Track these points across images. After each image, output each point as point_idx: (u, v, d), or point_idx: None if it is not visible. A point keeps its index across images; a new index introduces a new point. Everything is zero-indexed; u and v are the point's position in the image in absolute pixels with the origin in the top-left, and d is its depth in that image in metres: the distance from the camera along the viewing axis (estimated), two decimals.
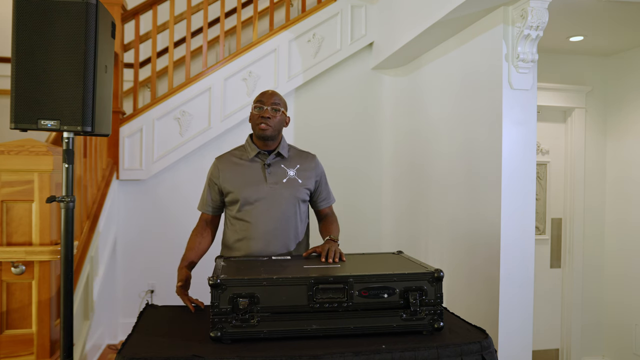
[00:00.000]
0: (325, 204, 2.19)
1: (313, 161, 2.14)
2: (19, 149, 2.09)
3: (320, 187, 2.16)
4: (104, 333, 3.58)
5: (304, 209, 2.10)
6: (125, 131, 3.84)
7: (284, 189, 2.01)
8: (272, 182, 2.00)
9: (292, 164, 2.07)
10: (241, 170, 2.03)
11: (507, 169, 2.61)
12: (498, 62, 2.65)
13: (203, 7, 3.99)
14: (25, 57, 1.54)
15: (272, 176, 2.01)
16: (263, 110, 1.99)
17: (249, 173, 2.02)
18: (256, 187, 2.00)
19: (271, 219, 1.99)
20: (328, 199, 2.20)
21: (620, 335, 3.62)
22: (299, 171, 2.06)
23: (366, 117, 4.27)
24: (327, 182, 2.20)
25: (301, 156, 2.13)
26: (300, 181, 2.05)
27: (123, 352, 1.39)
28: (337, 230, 2.10)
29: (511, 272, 2.60)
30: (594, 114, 3.74)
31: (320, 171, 2.15)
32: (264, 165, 2.02)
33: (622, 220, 3.62)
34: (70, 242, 1.68)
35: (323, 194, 2.18)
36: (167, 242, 3.89)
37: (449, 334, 1.56)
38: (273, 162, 2.04)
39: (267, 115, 1.98)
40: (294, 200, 2.03)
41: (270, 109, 1.99)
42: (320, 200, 2.17)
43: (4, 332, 2.09)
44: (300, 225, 2.07)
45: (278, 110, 2.00)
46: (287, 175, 2.03)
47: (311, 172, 2.10)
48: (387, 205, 4.23)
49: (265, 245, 1.98)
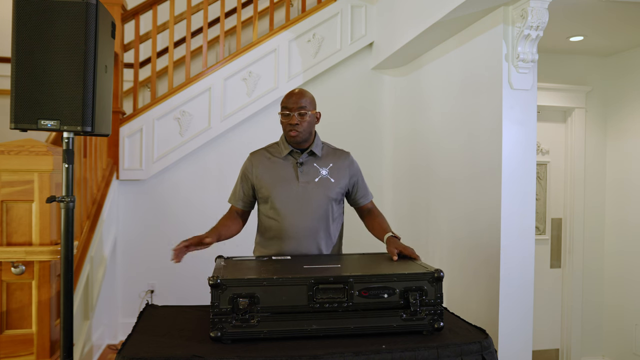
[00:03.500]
0: (365, 200, 2.16)
1: (347, 159, 2.10)
2: (19, 149, 2.08)
3: (357, 185, 2.13)
4: (104, 333, 3.58)
5: (336, 208, 2.07)
6: (125, 131, 3.84)
7: (316, 188, 1.99)
8: (304, 181, 1.98)
9: (325, 163, 2.04)
10: (274, 168, 2.01)
11: (507, 169, 2.61)
12: (498, 62, 2.64)
13: (203, 7, 3.99)
14: (25, 57, 1.55)
15: (304, 175, 1.99)
16: (290, 117, 1.96)
17: (281, 171, 2.00)
18: (288, 185, 1.98)
19: (302, 218, 1.97)
20: (366, 195, 2.16)
21: (620, 336, 3.61)
22: (332, 170, 2.03)
23: (366, 117, 4.27)
24: (363, 178, 2.17)
25: (335, 154, 2.09)
26: (333, 180, 2.02)
27: (123, 352, 1.40)
28: (388, 225, 2.07)
29: (511, 272, 2.59)
30: (594, 114, 3.74)
31: (355, 169, 2.12)
32: (297, 164, 2.00)
33: (622, 220, 3.62)
34: (70, 242, 1.68)
35: (361, 191, 2.14)
36: (167, 242, 3.86)
37: (449, 334, 1.56)
38: (305, 161, 2.02)
39: (295, 122, 1.95)
40: (326, 199, 2.00)
41: (297, 114, 1.95)
42: (359, 198, 2.15)
43: (4, 332, 2.09)
44: (332, 225, 2.04)
45: (305, 114, 1.96)
46: (320, 175, 2.01)
47: (345, 171, 2.07)
48: (388, 205, 4.23)
49: (297, 245, 1.97)
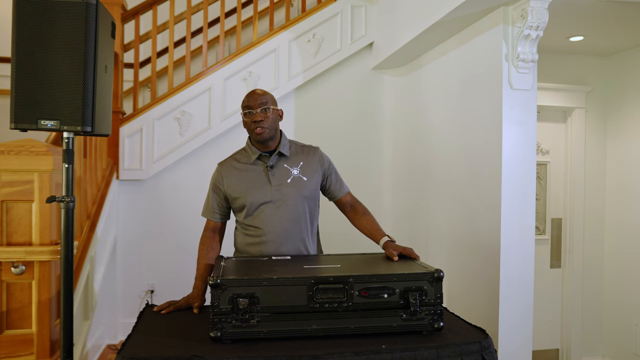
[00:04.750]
0: (341, 193, 2.13)
1: (316, 154, 2.09)
2: (19, 149, 2.08)
3: (331, 178, 2.10)
4: (104, 333, 3.58)
5: (313, 206, 2.05)
6: (125, 131, 3.84)
7: (290, 189, 1.97)
8: (276, 184, 1.96)
9: (295, 162, 2.02)
10: (245, 175, 1.99)
11: (507, 169, 2.61)
12: (498, 62, 2.64)
13: (203, 7, 3.99)
14: (25, 57, 1.54)
15: (275, 178, 1.97)
16: (253, 115, 1.94)
17: (252, 177, 1.98)
18: (261, 190, 1.96)
19: (280, 221, 1.96)
20: (342, 188, 2.13)
21: (620, 335, 3.61)
22: (303, 168, 2.02)
23: (366, 117, 4.27)
24: (336, 171, 2.14)
25: (304, 152, 2.07)
26: (306, 179, 2.01)
27: (123, 352, 1.39)
28: (379, 225, 2.05)
29: (511, 272, 2.59)
30: (594, 114, 3.74)
31: (326, 162, 2.09)
32: (267, 168, 1.98)
33: (622, 220, 3.62)
34: (70, 242, 1.68)
35: (335, 184, 2.12)
36: (167, 242, 3.89)
37: (449, 334, 1.56)
38: (275, 163, 2.00)
39: (259, 119, 1.93)
40: (301, 199, 1.99)
41: (260, 110, 1.93)
42: (334, 191, 2.12)
43: (4, 332, 2.09)
44: (310, 224, 2.04)
45: (268, 109, 1.95)
46: (291, 175, 1.99)
47: (316, 166, 2.05)
48: (387, 205, 4.23)
49: (277, 248, 1.96)
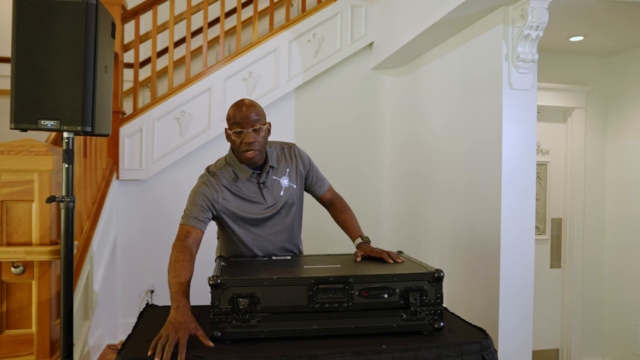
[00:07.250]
0: (323, 189, 2.11)
1: (297, 156, 2.03)
2: (19, 149, 2.08)
3: (313, 177, 2.07)
4: (104, 333, 3.58)
5: (300, 207, 2.06)
6: (125, 131, 3.84)
7: (284, 200, 1.96)
8: (271, 200, 1.93)
9: (282, 171, 1.98)
10: (239, 193, 1.90)
11: (507, 169, 2.61)
12: (498, 62, 2.65)
13: (203, 7, 3.99)
14: (25, 57, 1.55)
15: (269, 194, 1.93)
16: (243, 135, 1.79)
17: (247, 195, 1.91)
18: (257, 208, 1.91)
19: (277, 234, 1.97)
20: (323, 184, 2.10)
21: (620, 335, 3.61)
22: (290, 175, 1.99)
23: (366, 117, 4.27)
24: (315, 167, 2.09)
25: (284, 155, 2.01)
26: (295, 186, 2.00)
27: (123, 352, 1.39)
28: (357, 223, 2.04)
29: (511, 272, 2.60)
30: (594, 114, 3.74)
31: (307, 163, 2.04)
32: (259, 184, 1.92)
33: (622, 220, 3.62)
34: (70, 242, 1.68)
35: (317, 181, 2.08)
36: (167, 242, 3.84)
37: (449, 334, 1.56)
38: (267, 179, 1.94)
39: (251, 140, 1.78)
40: (294, 207, 2.00)
41: (252, 131, 1.79)
42: (317, 188, 2.10)
43: (3, 332, 2.09)
44: (299, 225, 2.07)
45: (260, 129, 1.81)
46: (282, 187, 1.96)
47: (300, 169, 2.02)
48: (387, 205, 4.23)
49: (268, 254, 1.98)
